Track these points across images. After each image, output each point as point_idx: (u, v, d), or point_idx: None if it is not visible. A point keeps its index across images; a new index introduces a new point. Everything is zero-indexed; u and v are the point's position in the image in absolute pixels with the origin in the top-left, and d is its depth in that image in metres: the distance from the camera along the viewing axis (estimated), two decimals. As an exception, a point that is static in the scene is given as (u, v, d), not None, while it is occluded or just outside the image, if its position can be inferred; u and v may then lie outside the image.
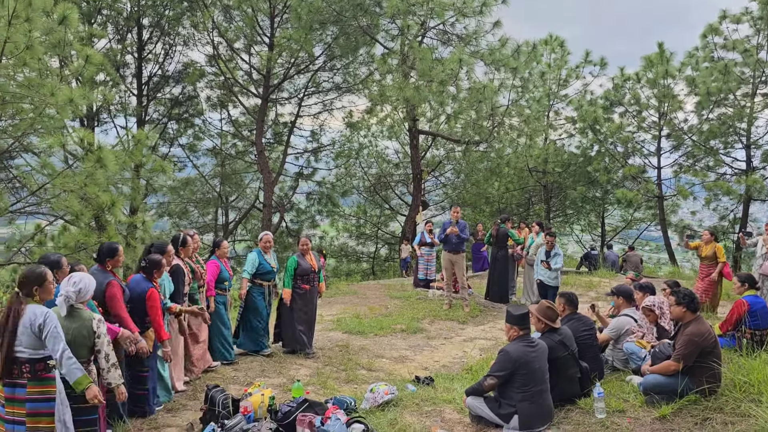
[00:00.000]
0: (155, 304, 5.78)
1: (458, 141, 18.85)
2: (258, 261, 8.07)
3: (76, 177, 10.73)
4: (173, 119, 20.95)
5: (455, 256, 11.21)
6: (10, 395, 4.07)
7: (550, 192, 25.22)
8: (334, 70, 20.72)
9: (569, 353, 5.46)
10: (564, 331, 5.57)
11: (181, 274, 6.59)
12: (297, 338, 8.24)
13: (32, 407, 4.07)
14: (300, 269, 8.23)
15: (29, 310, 4.03)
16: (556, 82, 24.19)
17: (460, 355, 8.79)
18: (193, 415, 5.93)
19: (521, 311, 5.19)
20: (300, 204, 24.25)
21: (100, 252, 5.58)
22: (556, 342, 5.41)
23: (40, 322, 4.01)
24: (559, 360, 5.38)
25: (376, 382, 6.24)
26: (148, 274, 5.91)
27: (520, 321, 5.16)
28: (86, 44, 14.14)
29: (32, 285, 4.09)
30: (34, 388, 4.07)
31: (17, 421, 4.06)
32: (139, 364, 5.88)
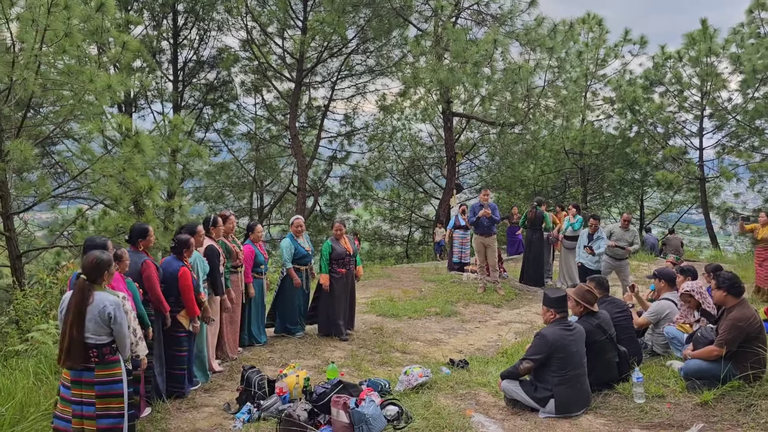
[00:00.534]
0: (187, 282, 5.87)
1: (493, 123, 18.62)
2: (293, 247, 8.10)
3: (115, 162, 10.92)
4: (208, 104, 21.15)
5: (487, 238, 11.11)
6: (77, 378, 4.18)
7: (587, 174, 24.73)
8: (367, 53, 20.61)
9: (607, 337, 5.36)
10: (602, 314, 5.46)
11: (216, 254, 6.66)
12: (332, 324, 8.23)
13: (101, 389, 4.19)
14: (335, 253, 8.18)
15: (98, 297, 4.11)
16: (593, 62, 23.58)
17: (494, 339, 8.74)
18: (230, 395, 6.02)
19: (558, 294, 5.10)
20: (334, 188, 24.31)
21: (132, 233, 5.68)
22: (594, 326, 5.30)
23: (110, 311, 4.10)
24: (597, 344, 5.29)
25: (410, 365, 6.23)
26: (178, 253, 6.01)
27: (557, 304, 5.07)
28: (123, 31, 14.30)
29: (100, 272, 4.17)
30: (102, 371, 4.19)
31: (86, 402, 4.17)
32: (176, 344, 5.99)
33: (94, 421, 4.17)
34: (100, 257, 4.18)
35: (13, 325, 9.23)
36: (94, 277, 4.14)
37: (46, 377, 5.88)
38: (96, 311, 4.10)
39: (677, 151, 20.90)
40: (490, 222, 11.01)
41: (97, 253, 4.20)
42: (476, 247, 11.33)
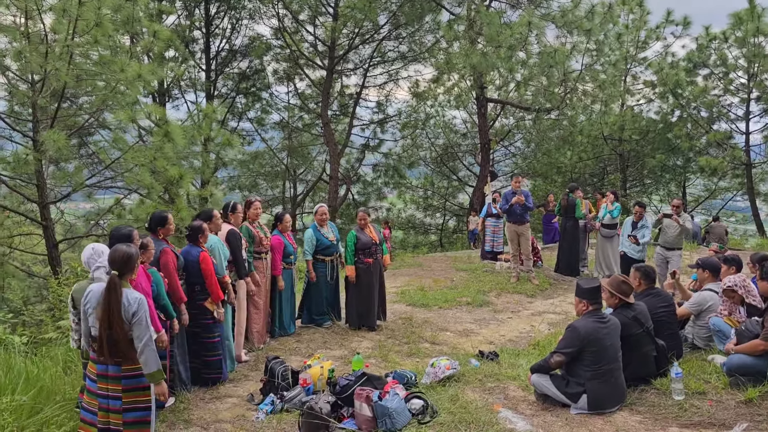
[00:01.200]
0: (208, 266, 5.83)
1: (528, 109, 18.17)
2: (315, 238, 7.98)
3: (146, 151, 10.99)
4: (241, 93, 21.19)
5: (520, 227, 10.83)
6: (103, 372, 4.10)
7: (626, 161, 24.06)
8: (400, 39, 20.32)
9: (644, 330, 5.09)
10: (639, 306, 5.18)
11: (237, 238, 6.58)
12: (362, 315, 8.04)
13: (128, 383, 4.11)
14: (360, 243, 7.98)
15: (125, 294, 4.02)
16: (634, 45, 22.80)
17: (527, 330, 8.49)
18: (254, 385, 5.94)
19: (592, 284, 4.85)
20: (366, 176, 24.16)
21: (151, 221, 5.63)
22: (630, 318, 5.04)
23: (134, 309, 4.01)
24: (633, 337, 5.02)
25: (437, 357, 6.05)
26: (193, 240, 5.95)
27: (591, 295, 4.82)
28: (155, 20, 14.37)
29: (131, 266, 4.11)
30: (129, 365, 4.10)
31: (112, 396, 4.10)
32: (206, 330, 5.94)
33: (121, 415, 4.11)
34: (130, 251, 4.10)
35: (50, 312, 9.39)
36: (125, 272, 4.07)
37: (75, 365, 5.91)
38: (123, 309, 4.01)
39: (722, 135, 20.13)
40: (523, 209, 10.73)
41: (124, 248, 4.11)
42: (509, 235, 11.05)
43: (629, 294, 5.16)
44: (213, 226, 6.39)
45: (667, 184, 25.87)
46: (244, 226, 7.06)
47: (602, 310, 4.94)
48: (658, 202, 27.35)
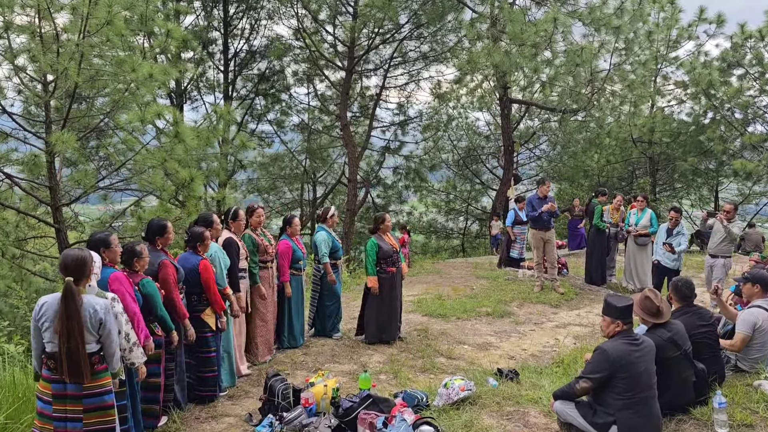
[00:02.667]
0: (209, 275, 5.44)
1: (553, 110, 17.57)
2: (330, 239, 7.56)
3: (157, 153, 10.69)
4: (260, 95, 20.90)
5: (546, 233, 10.29)
6: (60, 392, 3.72)
7: (656, 164, 23.25)
8: (421, 38, 19.84)
9: (682, 353, 4.54)
10: (675, 326, 4.63)
11: (235, 248, 6.17)
12: (381, 329, 7.56)
13: (90, 402, 3.75)
14: (381, 252, 7.44)
15: (85, 301, 3.65)
16: (665, 44, 22.02)
17: (551, 344, 7.96)
18: (254, 403, 5.54)
19: (624, 303, 4.32)
20: (387, 179, 23.70)
21: (149, 230, 5.23)
22: (666, 340, 4.49)
23: (101, 317, 3.65)
24: (669, 361, 4.49)
25: (451, 376, 5.57)
26: (192, 247, 5.56)
27: (623, 314, 4.28)
28: (170, 20, 14.12)
29: (85, 270, 3.72)
30: (90, 383, 3.74)
31: (71, 418, 3.72)
32: (203, 345, 5.56)
33: None
34: (82, 254, 3.71)
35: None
36: (80, 278, 3.68)
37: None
38: (87, 317, 3.63)
39: (758, 138, 19.23)
40: (549, 215, 10.19)
41: (76, 251, 3.73)
42: (534, 242, 10.50)
43: (656, 313, 4.62)
44: (213, 232, 6.00)
45: (699, 189, 24.98)
46: (247, 234, 6.65)
47: (634, 329, 4.41)
48: (689, 206, 26.43)
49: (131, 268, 4.72)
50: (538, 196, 10.30)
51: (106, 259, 4.47)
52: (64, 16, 10.63)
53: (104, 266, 4.41)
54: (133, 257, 4.71)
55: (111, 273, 4.42)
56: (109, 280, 4.36)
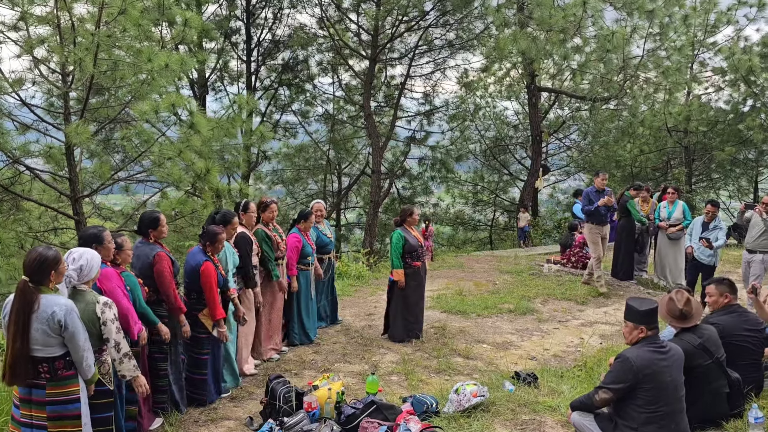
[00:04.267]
0: (209, 279, 5.15)
1: (584, 98, 16.98)
2: (315, 234, 7.41)
3: (174, 144, 10.54)
4: (284, 85, 20.69)
5: (604, 228, 9.76)
6: (26, 396, 3.54)
7: (692, 154, 22.39)
8: (447, 26, 19.34)
9: (714, 361, 4.13)
10: (707, 331, 4.21)
11: (248, 243, 5.92)
12: (408, 326, 7.31)
13: (54, 410, 3.53)
14: (408, 245, 7.15)
15: (45, 302, 3.43)
16: (702, 29, 21.13)
17: (575, 343, 7.55)
18: (256, 406, 5.28)
19: (647, 306, 3.93)
20: (412, 170, 23.32)
21: (141, 223, 5.00)
22: (696, 346, 4.09)
23: (60, 318, 3.43)
24: (699, 369, 4.09)
25: (463, 381, 5.23)
26: (203, 245, 5.30)
27: (647, 319, 3.90)
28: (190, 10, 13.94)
29: (46, 271, 3.47)
30: (54, 389, 3.53)
31: (36, 425, 3.53)
32: (197, 345, 5.33)
33: None
34: (44, 254, 3.47)
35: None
36: (39, 278, 3.44)
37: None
38: (44, 319, 3.40)
39: (801, 126, 18.37)
40: (607, 209, 9.68)
41: (40, 250, 3.50)
42: (590, 237, 9.85)
43: (679, 316, 4.22)
44: (229, 230, 5.76)
45: (738, 179, 24.06)
46: (260, 229, 6.41)
47: (659, 334, 4.02)
48: (726, 198, 25.50)
49: (112, 262, 4.50)
50: (595, 188, 9.76)
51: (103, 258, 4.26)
52: (83, 7, 10.53)
53: None
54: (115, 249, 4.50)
55: (101, 269, 4.20)
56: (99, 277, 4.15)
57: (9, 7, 10.11)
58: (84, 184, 12.38)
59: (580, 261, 10.97)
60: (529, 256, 13.44)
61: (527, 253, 14.12)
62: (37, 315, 3.40)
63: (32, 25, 10.32)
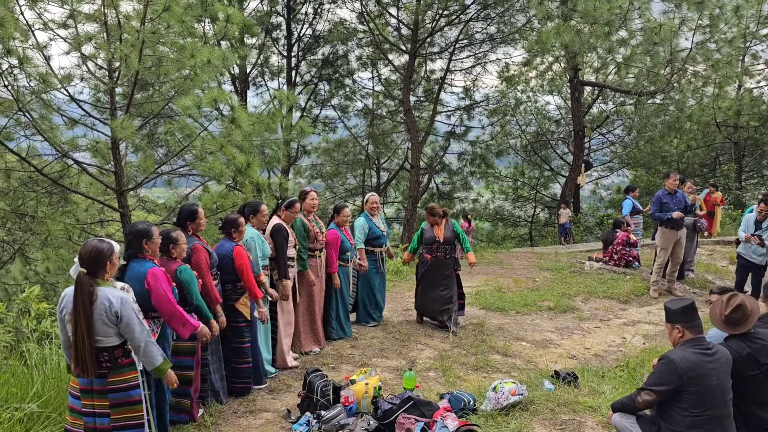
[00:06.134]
0: (243, 261, 5.24)
1: (628, 92, 16.57)
2: (367, 226, 7.38)
3: (216, 139, 10.70)
4: (323, 80, 20.79)
5: (679, 232, 9.17)
6: (87, 386, 3.65)
7: (742, 149, 21.68)
8: (488, 19, 19.12)
9: (762, 372, 3.94)
10: (761, 340, 4.01)
11: (284, 234, 5.97)
12: (422, 309, 7.80)
13: (116, 398, 3.65)
14: (424, 238, 7.61)
15: (101, 293, 3.53)
16: (755, 19, 20.37)
17: (617, 343, 7.39)
18: (295, 398, 5.32)
19: (680, 304, 3.81)
20: (451, 165, 23.16)
21: (180, 215, 5.08)
22: (743, 355, 3.90)
23: (117, 309, 3.52)
24: (748, 380, 3.91)
25: (501, 379, 5.16)
26: (227, 234, 5.38)
27: (684, 316, 3.78)
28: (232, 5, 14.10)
29: (101, 263, 3.57)
30: (115, 377, 3.65)
31: (99, 413, 3.65)
32: (237, 335, 5.40)
33: None
34: (99, 246, 3.57)
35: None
36: (95, 270, 3.54)
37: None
38: (102, 310, 3.50)
39: None
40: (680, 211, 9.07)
41: (95, 242, 3.59)
42: (662, 243, 9.21)
43: (725, 322, 4.04)
44: (256, 221, 5.82)
45: (791, 176, 23.19)
46: (299, 219, 6.44)
47: (704, 335, 3.88)
48: (778, 195, 24.55)
49: (168, 255, 4.58)
50: (666, 191, 9.16)
51: (148, 251, 4.32)
52: (129, 4, 10.74)
53: (143, 259, 4.26)
54: (169, 244, 4.57)
55: (149, 268, 4.22)
56: (147, 277, 4.18)
57: (59, 5, 10.40)
58: (129, 177, 12.68)
59: (623, 259, 10.73)
60: (570, 253, 13.20)
61: (568, 250, 13.86)
62: (96, 306, 3.49)
63: (80, 22, 10.59)
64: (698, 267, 11.38)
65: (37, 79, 10.15)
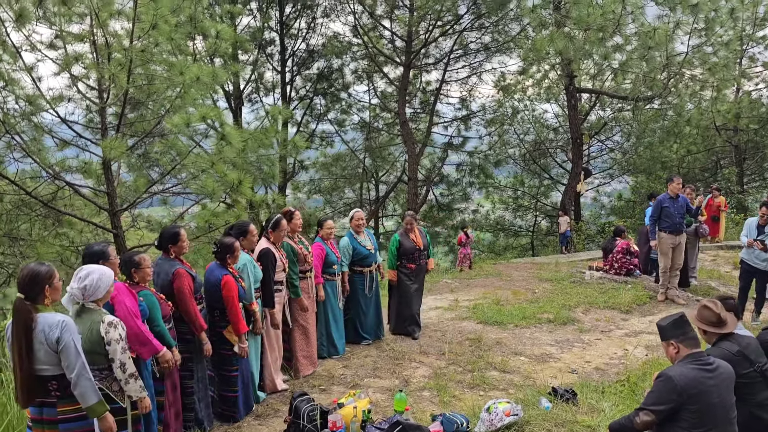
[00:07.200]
0: (230, 293, 5.02)
1: (625, 98, 16.42)
2: (351, 246, 7.15)
3: (206, 156, 10.58)
4: (319, 94, 20.70)
5: (678, 237, 9.08)
6: (38, 416, 3.47)
7: (743, 153, 21.48)
8: (482, 29, 19.05)
9: (755, 370, 3.77)
10: (746, 339, 3.88)
11: (271, 259, 5.77)
12: (404, 321, 7.69)
13: (67, 428, 3.46)
14: (402, 249, 7.54)
15: (41, 320, 3.34)
16: (750, 22, 20.26)
17: (619, 355, 7.18)
18: (281, 424, 5.11)
19: (671, 318, 3.65)
20: (450, 176, 23.00)
21: (161, 238, 4.90)
22: (734, 353, 3.77)
23: (57, 334, 3.33)
24: (740, 379, 3.73)
25: (497, 398, 4.96)
26: (221, 260, 5.18)
27: (676, 330, 3.60)
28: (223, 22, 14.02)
29: (39, 287, 3.38)
30: (65, 407, 3.46)
31: None
32: (225, 363, 5.21)
33: None
34: (36, 269, 3.38)
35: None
36: (34, 295, 3.36)
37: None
38: (42, 337, 3.31)
39: None
40: (681, 217, 9.06)
41: (32, 266, 3.40)
42: (662, 247, 9.17)
43: (717, 322, 3.90)
44: (246, 242, 5.61)
45: (794, 178, 22.98)
46: (286, 243, 6.23)
47: (702, 348, 3.69)
48: (782, 198, 24.33)
49: (131, 280, 4.41)
50: (669, 195, 9.07)
51: None
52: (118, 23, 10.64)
53: None
54: (130, 268, 4.40)
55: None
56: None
57: (47, 26, 10.31)
58: (123, 198, 12.54)
59: (623, 267, 10.51)
60: (570, 263, 12.99)
61: (569, 260, 13.65)
62: (35, 334, 3.31)
63: (69, 43, 10.50)
64: (701, 273, 11.18)
65: (25, 100, 10.06)
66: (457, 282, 11.22)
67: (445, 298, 9.85)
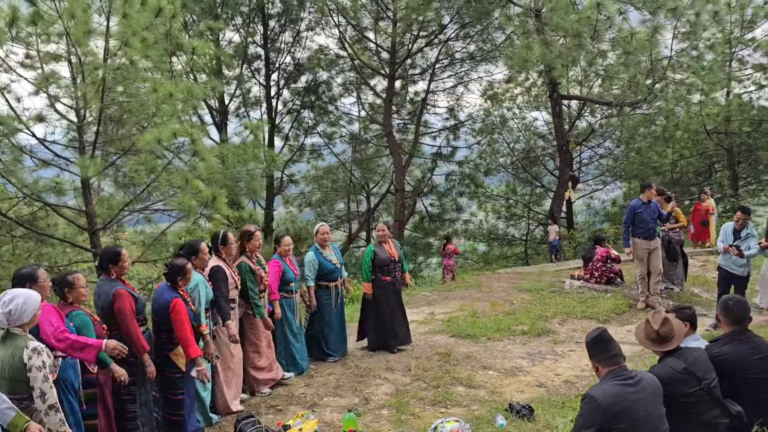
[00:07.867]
0: (180, 317, 4.90)
1: (609, 104, 16.32)
2: (317, 261, 7.04)
3: (180, 173, 10.51)
4: (306, 107, 20.67)
5: (651, 242, 9.04)
6: None
7: (735, 156, 21.29)
8: (467, 38, 19.01)
9: (702, 388, 3.62)
10: (693, 354, 3.73)
11: (222, 278, 5.67)
12: (383, 336, 7.55)
13: None
14: (377, 260, 7.43)
15: None
16: (738, 25, 20.15)
17: (590, 367, 6.98)
18: (229, 448, 4.99)
19: (592, 335, 3.56)
20: (440, 186, 22.88)
21: (102, 258, 4.81)
22: (680, 371, 3.62)
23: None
24: (686, 398, 3.59)
25: (443, 418, 4.82)
26: (172, 281, 5.06)
27: (594, 350, 3.53)
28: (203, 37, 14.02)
29: None
30: None
31: None
32: (171, 386, 5.08)
33: None
34: None
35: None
36: None
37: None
38: None
39: None
40: (654, 222, 9.03)
41: None
42: (637, 253, 9.13)
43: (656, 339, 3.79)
44: (198, 261, 5.51)
45: (790, 179, 22.74)
46: (243, 262, 6.13)
47: (624, 362, 3.57)
48: (777, 200, 24.11)
49: (64, 300, 4.32)
50: (642, 200, 9.08)
51: None
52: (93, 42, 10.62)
53: None
54: (64, 288, 4.31)
55: None
56: None
57: (23, 46, 10.29)
58: (104, 217, 12.46)
59: (604, 276, 10.36)
60: (556, 272, 12.83)
61: (557, 268, 13.49)
62: None
63: (46, 62, 10.48)
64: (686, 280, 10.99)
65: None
66: (435, 294, 11.08)
67: (421, 312, 9.70)
